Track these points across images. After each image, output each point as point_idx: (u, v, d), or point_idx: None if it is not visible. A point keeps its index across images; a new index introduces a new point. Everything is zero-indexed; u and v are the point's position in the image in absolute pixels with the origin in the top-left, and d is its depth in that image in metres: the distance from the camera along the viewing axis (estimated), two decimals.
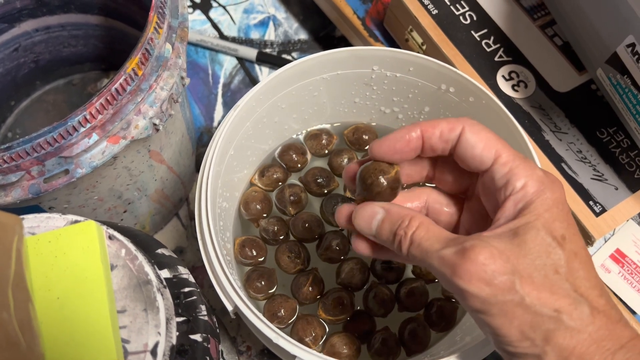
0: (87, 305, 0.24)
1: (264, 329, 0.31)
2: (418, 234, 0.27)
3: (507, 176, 0.26)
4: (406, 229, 0.27)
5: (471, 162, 0.28)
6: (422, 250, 0.26)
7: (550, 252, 0.25)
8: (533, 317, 0.24)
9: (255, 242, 0.41)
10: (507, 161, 0.27)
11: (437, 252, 0.25)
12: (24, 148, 0.29)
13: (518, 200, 0.26)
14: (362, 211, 0.29)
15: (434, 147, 0.29)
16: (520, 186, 0.26)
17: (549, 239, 0.25)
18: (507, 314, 0.24)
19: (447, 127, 0.28)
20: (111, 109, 0.31)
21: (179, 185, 0.46)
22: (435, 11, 0.47)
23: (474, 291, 0.24)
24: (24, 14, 0.46)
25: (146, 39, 0.32)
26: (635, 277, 0.45)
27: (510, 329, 0.24)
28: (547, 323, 0.24)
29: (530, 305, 0.24)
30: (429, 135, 0.29)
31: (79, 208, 0.37)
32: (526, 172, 0.26)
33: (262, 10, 0.60)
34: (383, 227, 0.28)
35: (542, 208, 0.25)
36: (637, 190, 0.43)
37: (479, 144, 0.27)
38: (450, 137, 0.28)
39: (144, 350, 0.25)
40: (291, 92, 0.41)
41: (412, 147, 0.29)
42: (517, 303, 0.24)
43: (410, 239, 0.27)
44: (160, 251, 0.30)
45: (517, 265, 0.24)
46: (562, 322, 0.24)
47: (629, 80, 0.40)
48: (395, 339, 0.39)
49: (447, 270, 0.25)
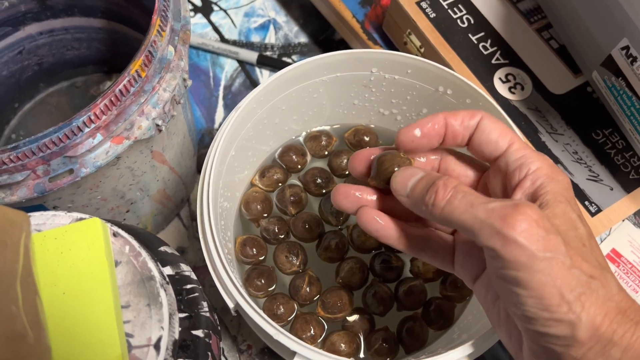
0: (92, 301, 0.25)
1: (264, 325, 0.32)
2: (461, 187, 0.27)
3: (522, 159, 0.28)
4: (446, 182, 0.27)
5: (486, 147, 0.29)
6: (467, 202, 0.26)
7: (577, 226, 0.26)
8: (572, 280, 0.24)
9: (257, 241, 0.41)
10: (520, 147, 0.29)
11: (485, 205, 0.25)
12: (30, 148, 0.30)
13: (535, 178, 0.27)
14: (403, 171, 0.30)
15: (456, 133, 0.30)
16: (536, 168, 0.28)
17: (574, 214, 0.26)
18: (550, 273, 0.24)
19: (468, 115, 0.30)
20: (115, 110, 0.32)
21: (180, 185, 0.47)
22: (433, 15, 0.48)
23: (524, 242, 0.23)
24: (28, 18, 0.46)
25: (149, 42, 0.33)
26: (630, 277, 0.46)
27: (552, 289, 0.24)
28: (584, 287, 0.24)
29: (572, 267, 0.24)
30: (451, 122, 0.30)
31: (82, 207, 0.38)
32: (539, 157, 0.28)
33: (263, 13, 0.61)
34: (419, 184, 0.28)
35: (557, 189, 0.27)
36: (632, 190, 0.43)
37: (495, 130, 0.29)
38: (470, 124, 0.30)
39: (148, 344, 0.25)
40: (291, 94, 0.42)
41: (437, 132, 0.30)
42: (561, 262, 0.24)
43: (454, 189, 0.26)
44: (163, 249, 0.31)
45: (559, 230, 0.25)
46: (596, 288, 0.24)
47: (623, 82, 0.41)
48: (395, 338, 0.39)
49: (496, 220, 0.24)
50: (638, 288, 0.45)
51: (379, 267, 0.41)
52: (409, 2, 0.48)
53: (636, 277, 0.46)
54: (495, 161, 0.30)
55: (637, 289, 0.45)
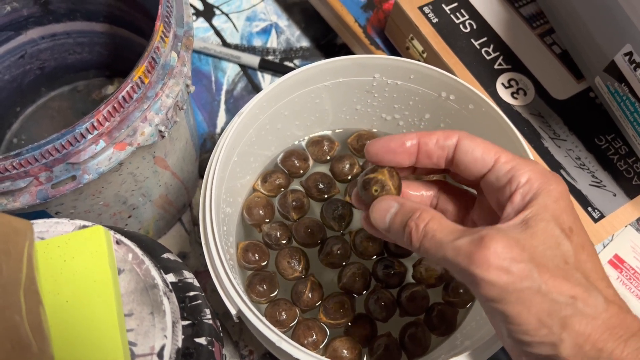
0: (95, 309, 0.25)
1: (267, 332, 0.31)
2: (431, 226, 0.27)
3: (511, 172, 0.27)
4: (417, 220, 0.27)
5: (473, 166, 0.29)
6: (436, 242, 0.26)
7: (560, 243, 0.25)
8: (550, 305, 0.24)
9: (259, 247, 0.41)
10: (508, 160, 0.28)
11: (452, 243, 0.25)
12: (32, 154, 0.30)
13: (525, 193, 0.27)
14: (379, 204, 0.30)
15: (430, 153, 0.30)
16: (525, 180, 0.27)
17: (557, 230, 0.25)
18: (524, 302, 0.24)
19: (443, 135, 0.29)
20: (118, 116, 0.32)
21: (182, 190, 0.47)
22: (435, 20, 0.48)
23: (492, 279, 0.24)
24: (30, 22, 0.46)
25: (152, 48, 0.33)
26: (633, 283, 0.45)
27: (528, 316, 0.24)
28: (564, 310, 0.24)
29: (547, 293, 0.24)
30: (425, 141, 0.30)
31: (84, 213, 0.38)
32: (529, 168, 0.27)
33: (265, 18, 0.61)
34: (395, 219, 0.29)
35: (549, 200, 0.26)
36: (635, 196, 0.43)
37: (478, 147, 0.28)
38: (447, 144, 0.29)
39: (151, 353, 0.25)
40: (294, 99, 0.41)
41: (406, 149, 0.30)
42: (534, 291, 0.24)
43: (423, 231, 0.27)
44: (166, 256, 0.31)
45: (532, 254, 0.24)
46: (578, 308, 0.24)
47: (626, 88, 0.41)
48: (397, 344, 0.39)
49: (463, 260, 0.25)
50: None
51: (381, 272, 0.41)
52: (411, 7, 0.48)
53: (639, 282, 0.46)
54: (485, 177, 0.29)
55: None
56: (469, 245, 0.25)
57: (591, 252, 0.26)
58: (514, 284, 0.24)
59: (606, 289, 0.25)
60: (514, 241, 0.24)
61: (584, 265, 0.25)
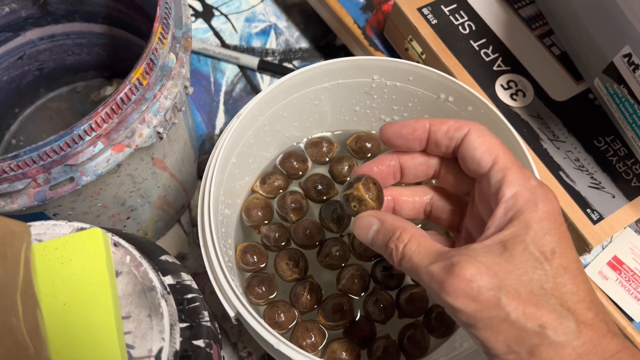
0: (92, 311, 0.25)
1: (265, 335, 0.31)
2: (409, 247, 0.27)
3: (501, 182, 0.27)
4: (397, 242, 0.28)
5: (470, 164, 0.28)
6: (413, 265, 0.27)
7: (537, 267, 0.25)
8: (518, 332, 0.24)
9: (257, 249, 0.41)
10: (503, 167, 0.27)
11: (426, 268, 0.26)
12: (30, 156, 0.30)
13: (508, 208, 0.26)
14: (360, 222, 0.30)
15: (439, 142, 0.30)
16: (511, 194, 0.26)
17: (537, 253, 0.25)
18: (493, 329, 0.24)
19: (455, 126, 0.29)
20: (116, 118, 0.32)
21: (181, 192, 0.47)
22: (434, 21, 0.48)
23: (461, 307, 0.24)
24: (29, 23, 0.46)
25: (151, 49, 0.33)
26: (632, 284, 0.45)
27: (497, 342, 0.24)
28: (532, 338, 0.24)
29: (516, 321, 0.24)
30: (435, 129, 0.29)
31: (83, 215, 0.38)
32: (519, 181, 0.26)
33: (264, 19, 0.61)
34: (377, 237, 0.29)
35: (532, 219, 0.25)
36: (634, 198, 0.43)
37: (480, 146, 0.28)
38: (456, 136, 0.29)
39: (149, 355, 0.25)
40: (293, 101, 0.41)
41: (417, 136, 0.30)
42: (502, 318, 0.24)
43: (402, 252, 0.27)
44: (164, 258, 0.31)
45: (504, 280, 0.24)
46: (547, 337, 0.24)
47: (625, 89, 0.41)
48: (396, 346, 0.39)
49: (435, 285, 0.25)
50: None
51: (380, 274, 0.41)
52: (410, 8, 0.48)
53: (638, 284, 0.46)
54: (480, 181, 0.29)
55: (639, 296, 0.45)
56: (441, 271, 0.25)
57: (574, 274, 0.25)
58: (482, 312, 0.24)
59: (585, 311, 0.25)
60: (485, 267, 0.24)
61: (562, 288, 0.25)
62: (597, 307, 0.25)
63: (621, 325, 0.43)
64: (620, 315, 0.44)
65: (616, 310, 0.44)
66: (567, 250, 0.26)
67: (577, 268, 0.25)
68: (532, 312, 0.24)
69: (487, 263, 0.25)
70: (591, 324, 0.24)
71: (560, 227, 0.26)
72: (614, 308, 0.44)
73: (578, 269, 0.26)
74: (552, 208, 0.26)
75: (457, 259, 0.25)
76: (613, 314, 0.44)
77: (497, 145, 0.28)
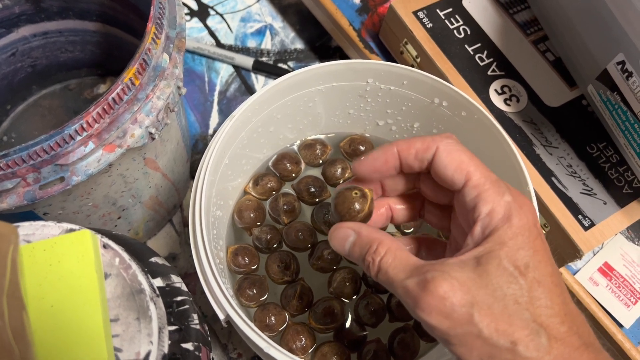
0: (80, 314, 0.25)
1: (255, 338, 0.31)
2: (385, 261, 0.27)
3: (475, 200, 0.27)
4: (374, 255, 0.28)
5: (444, 183, 0.29)
6: (388, 279, 0.27)
7: (511, 282, 0.25)
8: (491, 349, 0.24)
9: (248, 250, 0.41)
10: (477, 184, 0.27)
11: (401, 282, 0.26)
12: (20, 155, 0.30)
13: (485, 226, 0.26)
14: (336, 233, 0.30)
15: (411, 165, 0.30)
16: (487, 212, 0.26)
17: (511, 268, 0.25)
18: (467, 345, 0.25)
19: (422, 147, 0.29)
20: (108, 118, 0.32)
21: (173, 192, 0.47)
22: (429, 25, 0.48)
23: (434, 324, 0.25)
24: (22, 19, 0.46)
25: (144, 49, 0.33)
26: (622, 291, 0.46)
27: (471, 357, 0.25)
28: (504, 354, 0.24)
29: (488, 337, 0.24)
30: (405, 155, 0.30)
31: (73, 214, 0.38)
32: (493, 198, 0.26)
33: (259, 19, 0.61)
34: (354, 250, 0.29)
35: (506, 236, 0.25)
36: (625, 205, 0.43)
37: (450, 165, 0.28)
38: (425, 157, 0.29)
39: (136, 359, 0.25)
40: (287, 103, 0.41)
41: (391, 166, 0.30)
42: (475, 335, 0.24)
43: (378, 265, 0.28)
44: (154, 260, 0.31)
45: (476, 297, 0.24)
46: (518, 353, 0.24)
47: (618, 97, 0.41)
48: (386, 350, 0.39)
49: (410, 301, 0.25)
50: (630, 302, 0.45)
51: (371, 278, 0.40)
52: (405, 12, 0.48)
53: (628, 290, 0.46)
54: (456, 197, 0.29)
55: (629, 303, 0.45)
56: (415, 287, 0.25)
57: (549, 287, 0.25)
58: (454, 329, 0.24)
59: (558, 326, 0.25)
60: (458, 283, 0.25)
61: (536, 302, 0.25)
62: (571, 320, 0.25)
63: (611, 332, 0.44)
64: (610, 321, 0.44)
65: (606, 317, 0.44)
66: (541, 263, 0.26)
67: (552, 281, 0.26)
68: (504, 328, 0.24)
69: (461, 279, 0.25)
70: (563, 339, 0.25)
71: (534, 241, 0.26)
72: (603, 314, 0.44)
73: (553, 281, 0.26)
74: (527, 222, 0.26)
75: (432, 275, 0.25)
76: (603, 320, 0.44)
77: (467, 161, 0.28)
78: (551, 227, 0.43)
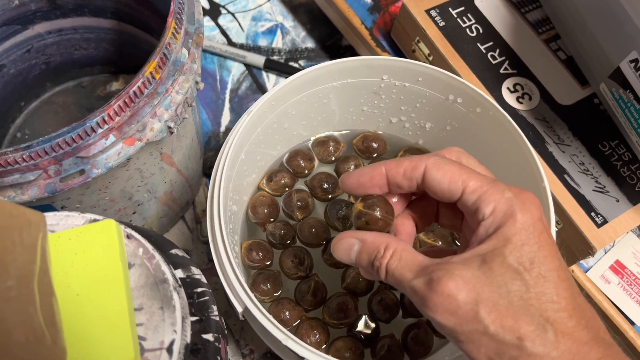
0: (105, 302, 0.25)
1: (273, 330, 0.31)
2: (392, 263, 0.28)
3: (477, 203, 0.27)
4: (381, 259, 0.28)
5: (441, 196, 0.29)
6: (396, 280, 0.27)
7: (516, 278, 0.25)
8: (498, 345, 0.25)
9: (263, 246, 0.41)
10: (475, 189, 0.27)
11: (409, 282, 0.27)
12: (43, 147, 0.30)
13: (488, 226, 0.26)
14: (339, 244, 0.30)
15: (399, 184, 0.30)
16: (489, 212, 0.26)
17: (515, 264, 0.25)
18: (474, 342, 0.25)
19: (410, 166, 0.29)
20: (128, 111, 0.32)
21: (186, 188, 0.47)
22: (442, 23, 0.48)
23: (442, 321, 0.25)
24: (37, 17, 0.46)
25: (164, 44, 0.33)
26: (634, 288, 0.46)
27: (479, 354, 0.25)
28: (511, 350, 0.24)
29: (494, 334, 0.24)
30: (392, 174, 0.30)
31: (90, 208, 0.38)
32: (494, 197, 0.27)
33: (270, 18, 0.61)
34: (361, 257, 0.29)
35: (510, 232, 0.26)
36: (638, 202, 0.44)
37: (444, 178, 0.28)
38: (414, 176, 0.29)
39: (160, 347, 0.25)
40: (302, 99, 0.42)
41: (376, 183, 0.30)
42: (481, 332, 0.25)
43: (385, 269, 0.28)
44: (174, 251, 0.31)
45: (482, 294, 0.25)
46: (525, 349, 0.24)
47: (631, 95, 0.41)
48: (400, 345, 0.39)
49: (418, 300, 0.26)
50: None
51: None
52: (418, 10, 0.48)
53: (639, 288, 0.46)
54: (457, 204, 0.29)
55: None
56: (422, 286, 0.26)
57: (554, 282, 0.25)
58: (461, 326, 0.25)
59: (565, 320, 0.25)
60: (463, 281, 0.25)
61: (542, 298, 0.25)
62: (580, 314, 0.25)
63: (623, 329, 0.44)
64: (622, 319, 0.44)
65: (618, 314, 0.44)
66: (547, 258, 0.25)
67: (558, 275, 0.25)
68: (510, 324, 0.24)
69: (466, 277, 0.25)
70: (570, 333, 0.25)
71: (539, 236, 0.26)
72: (615, 312, 0.44)
73: (559, 276, 0.25)
74: (531, 217, 0.26)
75: (437, 274, 0.25)
76: (615, 317, 0.44)
77: (460, 171, 0.28)
78: (564, 225, 0.43)
